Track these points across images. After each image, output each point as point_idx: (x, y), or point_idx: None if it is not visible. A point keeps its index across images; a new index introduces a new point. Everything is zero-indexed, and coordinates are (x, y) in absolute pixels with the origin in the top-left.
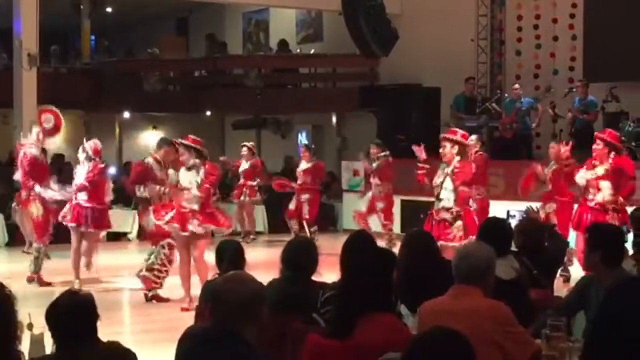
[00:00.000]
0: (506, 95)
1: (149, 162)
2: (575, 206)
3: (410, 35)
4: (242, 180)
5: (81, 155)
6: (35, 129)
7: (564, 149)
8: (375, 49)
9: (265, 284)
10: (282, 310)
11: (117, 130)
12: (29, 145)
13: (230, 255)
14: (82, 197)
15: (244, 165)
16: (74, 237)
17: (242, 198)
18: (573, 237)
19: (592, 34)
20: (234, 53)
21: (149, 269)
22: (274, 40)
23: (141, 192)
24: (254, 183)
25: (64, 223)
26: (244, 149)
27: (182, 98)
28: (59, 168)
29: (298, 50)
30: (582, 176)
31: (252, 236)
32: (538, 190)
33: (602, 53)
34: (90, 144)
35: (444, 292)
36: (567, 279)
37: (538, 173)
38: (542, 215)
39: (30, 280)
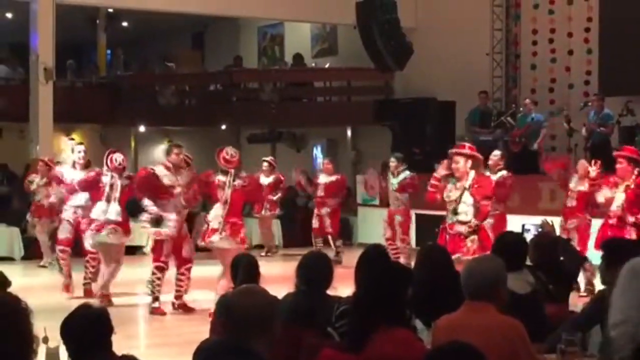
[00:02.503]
0: (521, 109)
1: (153, 170)
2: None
3: (425, 49)
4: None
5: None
6: (79, 148)
7: (593, 170)
8: (390, 63)
9: (280, 298)
10: (296, 324)
11: (133, 143)
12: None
13: (244, 269)
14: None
15: (265, 180)
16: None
17: (263, 212)
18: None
19: (608, 47)
20: (250, 67)
21: (156, 298)
22: (289, 54)
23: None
24: (275, 198)
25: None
26: (265, 163)
27: (198, 112)
28: None
29: (313, 64)
30: (603, 194)
31: (274, 249)
32: (558, 178)
33: (617, 67)
34: (112, 158)
35: (459, 307)
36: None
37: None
38: (561, 230)
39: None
